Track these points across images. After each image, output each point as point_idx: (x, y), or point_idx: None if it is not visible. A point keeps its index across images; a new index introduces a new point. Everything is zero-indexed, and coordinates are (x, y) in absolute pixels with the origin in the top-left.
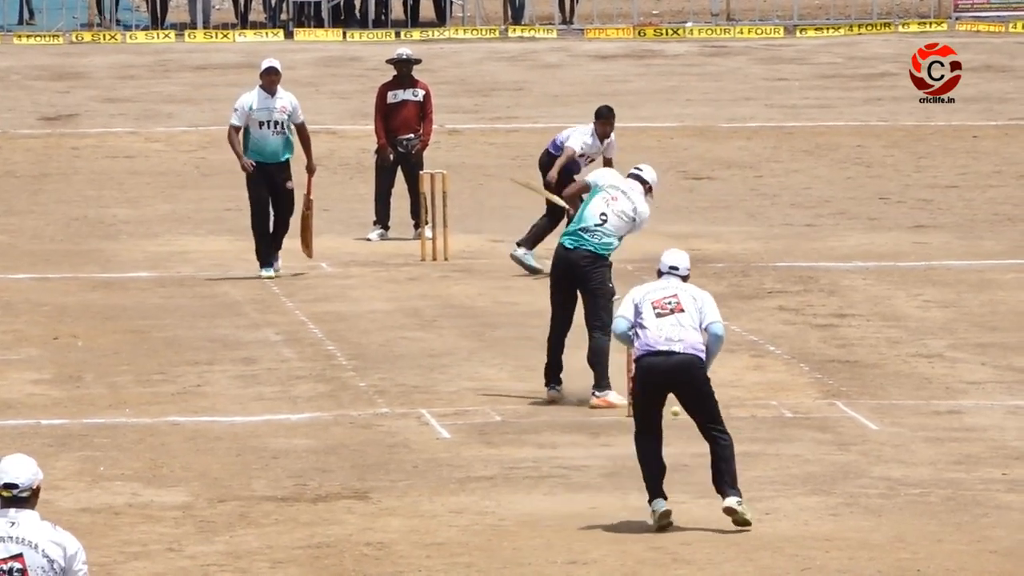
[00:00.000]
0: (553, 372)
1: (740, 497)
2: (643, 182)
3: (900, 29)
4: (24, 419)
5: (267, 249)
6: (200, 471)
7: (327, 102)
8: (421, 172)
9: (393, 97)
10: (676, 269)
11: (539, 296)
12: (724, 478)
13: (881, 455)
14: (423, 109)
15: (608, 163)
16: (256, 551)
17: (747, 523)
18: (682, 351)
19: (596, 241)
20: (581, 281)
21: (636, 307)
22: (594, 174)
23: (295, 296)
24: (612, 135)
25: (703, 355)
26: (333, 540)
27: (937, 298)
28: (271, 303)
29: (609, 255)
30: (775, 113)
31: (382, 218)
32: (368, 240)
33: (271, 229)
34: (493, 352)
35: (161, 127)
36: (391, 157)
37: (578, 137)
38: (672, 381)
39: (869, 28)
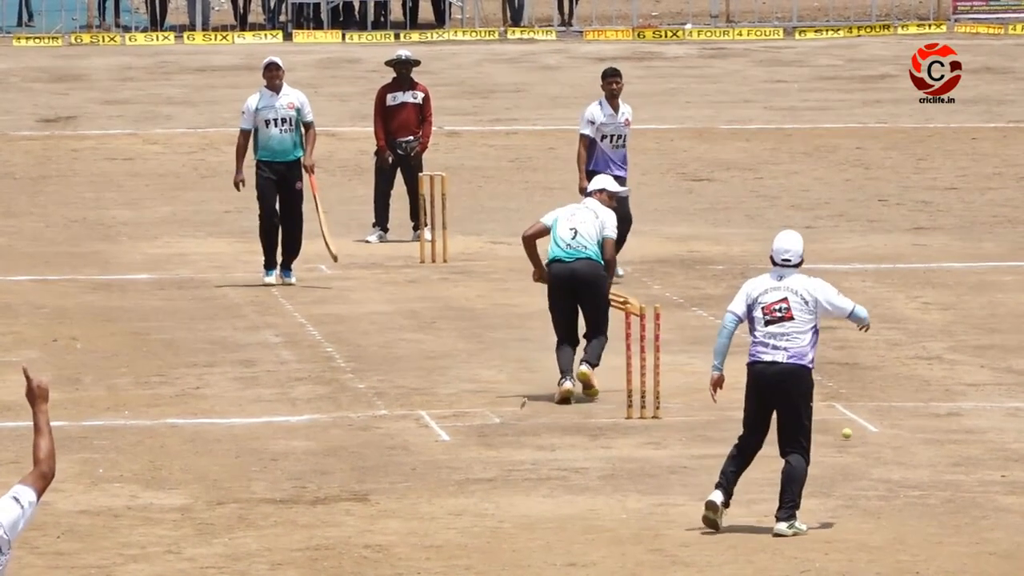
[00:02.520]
0: (567, 365)
1: (789, 521)
2: (589, 194)
3: (899, 31)
4: (23, 421)
5: (273, 253)
6: (199, 473)
7: (326, 104)
8: (420, 174)
9: (392, 99)
10: (788, 261)
11: (537, 298)
12: (779, 501)
13: (880, 457)
14: (422, 111)
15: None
16: (255, 553)
17: (799, 532)
18: (785, 360)
19: (585, 248)
20: (587, 290)
21: (749, 307)
22: (546, 216)
23: (294, 298)
24: (628, 109)
25: (808, 364)
26: (332, 542)
27: (936, 300)
28: (270, 305)
29: (602, 261)
30: (774, 115)
31: (381, 220)
32: (367, 242)
33: (280, 235)
34: (492, 354)
35: (160, 129)
36: (390, 160)
37: (584, 119)
38: (774, 391)
39: (868, 30)
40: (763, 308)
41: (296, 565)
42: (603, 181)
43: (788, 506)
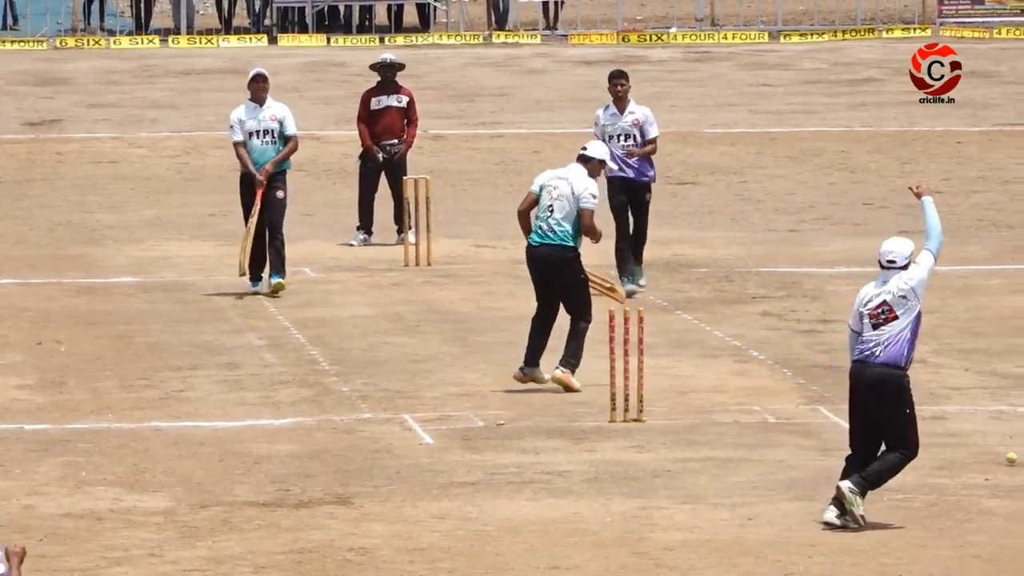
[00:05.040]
0: (531, 355)
1: (856, 488)
2: (587, 160)
3: (884, 35)
4: (7, 424)
5: (258, 267)
6: (183, 476)
7: (311, 107)
8: (405, 177)
9: (377, 103)
10: (894, 263)
11: (522, 301)
12: (868, 472)
13: None
14: (407, 115)
15: (651, 143)
16: (238, 556)
17: (852, 515)
18: (878, 362)
19: (553, 233)
20: (556, 276)
21: (860, 315)
22: (534, 183)
23: (278, 301)
24: (646, 112)
25: (903, 365)
26: (316, 545)
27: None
28: (254, 308)
29: (573, 242)
30: (759, 118)
31: (365, 223)
32: (351, 245)
33: (265, 245)
34: (476, 357)
35: (145, 132)
36: (380, 157)
37: (594, 123)
38: (868, 393)
39: (853, 34)
40: (868, 314)
41: (279, 568)
42: (602, 151)
43: (863, 476)
